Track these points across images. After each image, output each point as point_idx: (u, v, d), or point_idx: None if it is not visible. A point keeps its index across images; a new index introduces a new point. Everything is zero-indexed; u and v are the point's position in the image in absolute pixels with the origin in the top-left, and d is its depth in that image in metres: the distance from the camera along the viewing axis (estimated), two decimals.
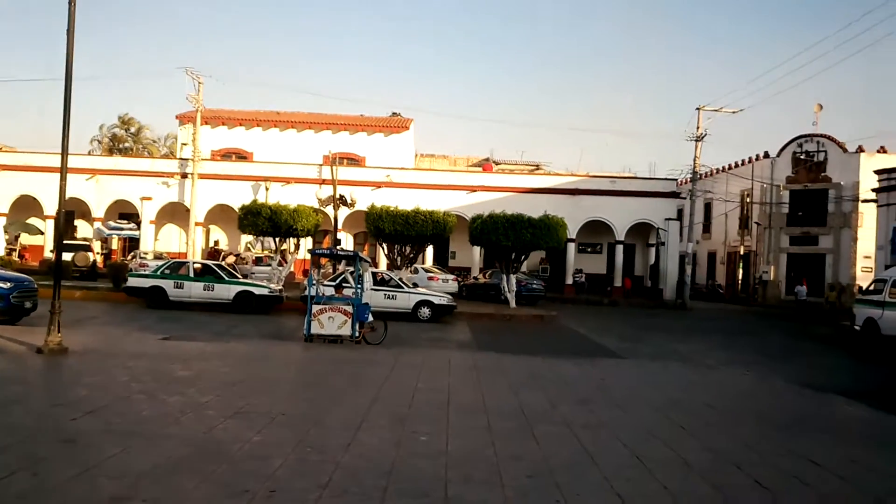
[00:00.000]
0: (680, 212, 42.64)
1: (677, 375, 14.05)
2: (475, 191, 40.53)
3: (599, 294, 40.19)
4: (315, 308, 15.89)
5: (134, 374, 10.61)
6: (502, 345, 17.96)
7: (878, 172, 31.08)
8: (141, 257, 34.73)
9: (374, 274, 24.03)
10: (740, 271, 47.80)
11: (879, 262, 29.65)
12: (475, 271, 38.48)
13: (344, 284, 20.64)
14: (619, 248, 41.06)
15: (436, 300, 23.48)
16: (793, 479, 7.08)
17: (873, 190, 31.64)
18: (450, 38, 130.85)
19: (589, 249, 45.13)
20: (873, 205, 32.25)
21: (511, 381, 11.77)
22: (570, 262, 40.68)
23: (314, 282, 17.83)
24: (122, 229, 39.42)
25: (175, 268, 23.94)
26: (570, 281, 40.46)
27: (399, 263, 29.06)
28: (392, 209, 28.50)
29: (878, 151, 41.29)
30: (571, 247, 40.21)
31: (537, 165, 60.71)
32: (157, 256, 35.49)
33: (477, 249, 37.13)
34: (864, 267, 38.70)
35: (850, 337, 24.14)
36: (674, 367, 15.24)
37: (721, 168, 49.47)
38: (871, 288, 23.95)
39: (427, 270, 33.58)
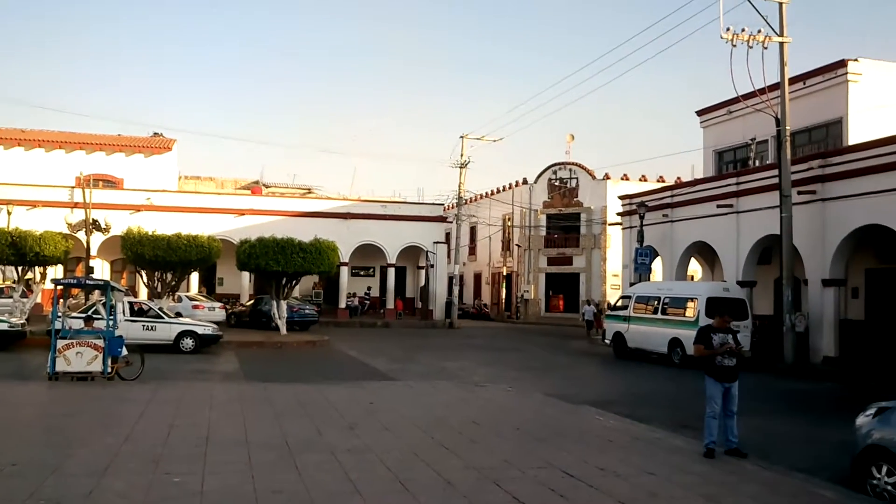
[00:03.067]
0: (447, 235, 44.13)
1: (445, 394, 14.28)
2: (244, 214, 39.21)
3: (373, 316, 40.44)
4: (60, 343, 14.39)
5: None
6: (271, 374, 17.36)
7: (621, 198, 34.07)
8: None
9: (131, 303, 22.30)
10: (504, 291, 50.33)
11: (625, 279, 32.40)
12: (245, 298, 37.14)
13: (95, 316, 18.89)
14: (392, 271, 41.62)
15: (200, 330, 22.23)
16: (549, 491, 7.31)
17: (618, 214, 34.62)
18: (217, 60, 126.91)
19: (362, 272, 45.32)
20: (619, 227, 35.27)
21: (277, 411, 11.29)
22: (343, 286, 40.55)
23: (59, 314, 16.17)
24: None
25: None
26: (343, 304, 40.30)
27: (160, 291, 27.28)
28: (152, 234, 26.73)
29: (622, 179, 45.44)
30: (345, 270, 40.12)
31: (309, 189, 60.15)
32: None
33: (246, 275, 35.87)
34: (613, 284, 42.20)
35: (602, 350, 26.16)
36: (442, 386, 15.51)
37: (485, 193, 51.97)
38: (619, 304, 26.11)
39: (192, 298, 31.82)
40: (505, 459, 8.57)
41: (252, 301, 34.02)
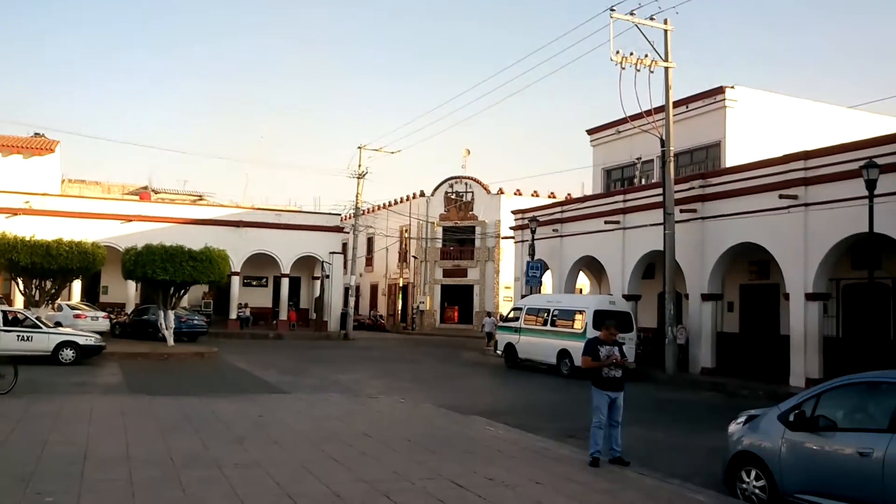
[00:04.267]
0: (344, 245, 43.87)
1: (337, 406, 14.18)
2: (131, 220, 37.74)
3: (266, 328, 39.68)
4: None
5: None
6: (157, 386, 16.78)
7: (514, 212, 34.81)
8: None
9: (4, 312, 21.09)
10: (400, 302, 50.42)
11: (517, 292, 33.09)
12: (130, 307, 35.73)
13: None
14: (285, 281, 40.97)
15: (81, 340, 21.22)
16: (438, 502, 7.40)
17: (511, 228, 35.35)
18: (105, 60, 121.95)
19: (254, 283, 44.42)
20: (512, 241, 36.01)
21: (162, 426, 10.94)
22: (234, 296, 39.60)
23: None
24: None
25: None
26: (234, 315, 39.36)
27: (38, 300, 25.90)
28: (29, 239, 25.35)
29: (515, 194, 46.43)
30: (236, 280, 39.21)
31: (201, 196, 58.49)
32: None
33: (132, 284, 34.53)
34: (506, 297, 42.99)
35: (494, 361, 26.60)
36: (334, 399, 15.39)
37: (383, 204, 51.99)
38: (510, 315, 26.64)
39: (73, 307, 30.35)
40: (395, 471, 8.61)
41: (136, 310, 32.79)
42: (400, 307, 50.52)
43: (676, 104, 24.95)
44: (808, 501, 7.57)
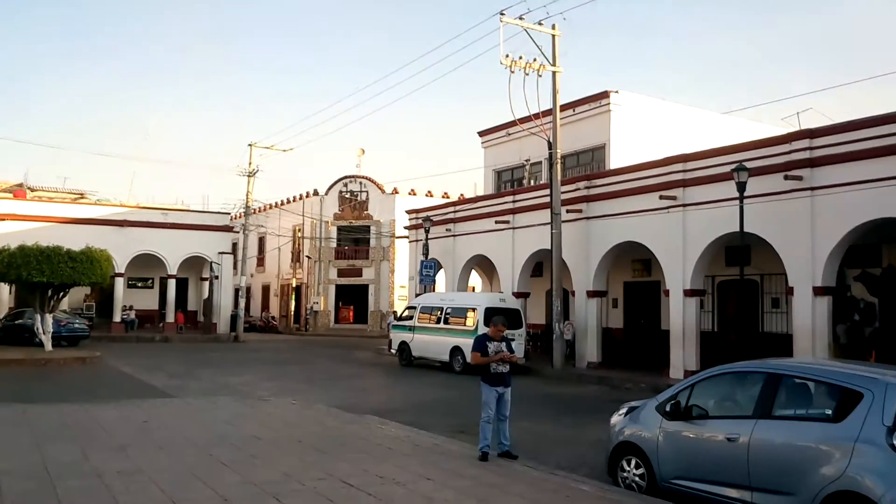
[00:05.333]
0: (234, 245, 42.92)
1: (226, 410, 13.90)
2: (4, 220, 35.69)
3: (152, 330, 38.35)
4: None
5: None
6: (33, 394, 15.99)
7: (408, 212, 34.96)
8: None
9: None
10: (293, 303, 49.74)
11: (411, 291, 33.26)
12: (3, 311, 33.76)
13: None
14: (172, 282, 39.70)
15: None
16: (328, 502, 7.40)
17: (405, 227, 35.50)
18: None
19: (140, 284, 42.84)
20: (406, 240, 36.17)
21: (37, 435, 10.44)
22: (118, 298, 38.06)
23: None
24: None
25: None
26: (118, 318, 37.83)
27: None
28: None
29: (410, 193, 46.61)
30: (120, 281, 37.70)
31: (82, 194, 55.78)
32: None
33: (5, 287, 32.66)
34: (401, 296, 43.09)
35: (388, 360, 26.65)
36: (223, 402, 15.07)
37: (275, 203, 51.14)
38: (404, 314, 26.78)
39: None
40: (286, 473, 8.55)
41: (9, 314, 31.05)
42: (293, 308, 49.82)
43: (564, 108, 25.67)
44: (683, 487, 8.00)
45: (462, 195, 42.01)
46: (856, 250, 18.25)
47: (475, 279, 35.33)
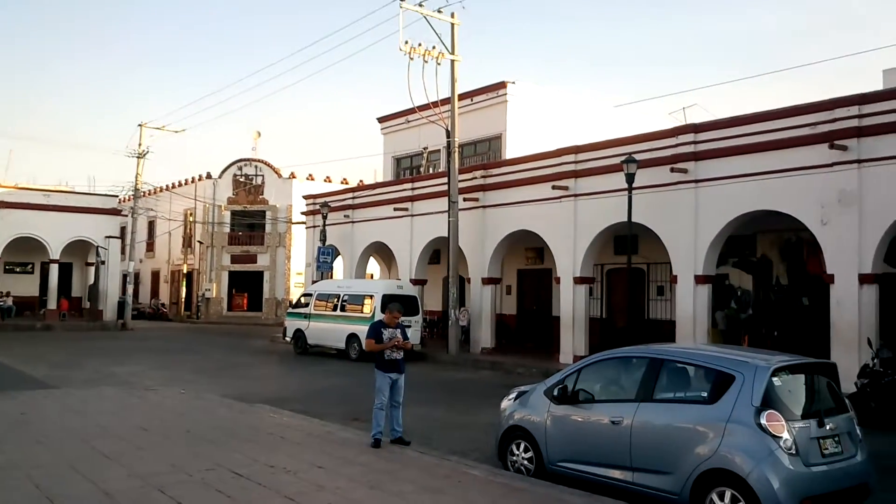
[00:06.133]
0: (122, 229, 41.27)
1: (111, 401, 13.41)
2: None
3: (32, 318, 36.46)
4: None
5: None
6: None
7: (305, 197, 34.48)
8: None
9: None
10: (184, 289, 48.29)
11: (308, 278, 32.87)
12: None
13: None
14: (55, 268, 37.77)
15: None
16: (216, 493, 7.28)
17: (302, 213, 35.00)
18: None
19: (18, 269, 40.60)
20: (303, 226, 35.66)
21: None
22: None
23: None
24: None
25: None
26: None
27: None
28: None
29: (308, 178, 45.91)
30: None
31: None
32: None
33: None
34: (297, 283, 42.46)
35: (283, 348, 26.28)
36: (108, 393, 14.53)
37: (166, 186, 49.42)
38: (300, 301, 26.47)
39: None
40: (172, 464, 8.35)
41: None
42: (184, 295, 48.37)
43: (462, 97, 25.87)
44: (569, 469, 8.26)
45: (361, 181, 41.74)
46: (734, 241, 19.26)
47: (373, 266, 35.25)
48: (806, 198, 15.92)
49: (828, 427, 7.02)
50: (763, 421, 6.74)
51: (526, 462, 8.76)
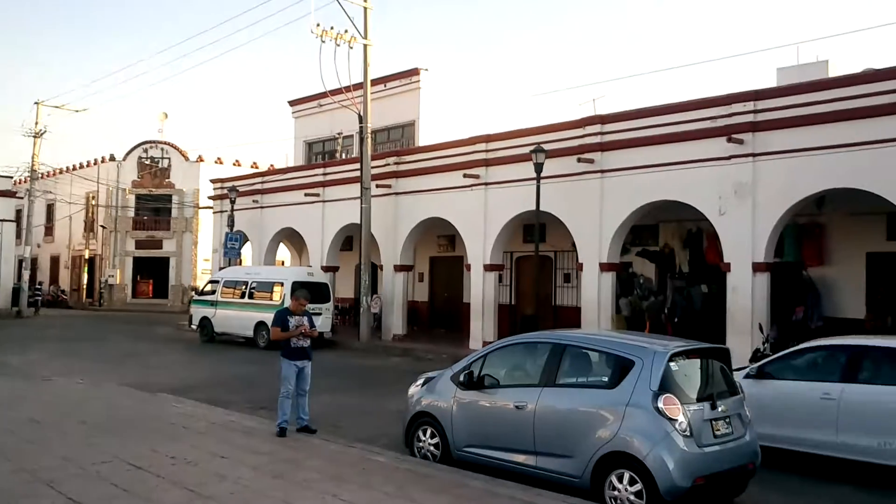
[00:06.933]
0: (18, 212, 39.32)
1: (2, 392, 12.80)
2: None
3: None
4: None
5: None
6: None
7: (213, 181, 33.60)
8: None
9: None
10: (86, 276, 46.48)
11: (216, 264, 32.11)
12: None
13: None
14: None
15: None
16: (111, 487, 7.06)
17: (210, 197, 34.11)
18: None
19: None
20: (211, 211, 34.77)
21: None
22: None
23: None
24: None
25: None
26: None
27: None
28: None
29: (216, 162, 44.76)
30: None
31: None
32: None
33: None
34: (204, 269, 41.42)
35: (189, 336, 25.64)
36: None
37: (66, 168, 47.32)
38: (207, 288, 25.85)
39: None
40: (65, 457, 8.05)
41: None
42: (86, 281, 46.53)
43: (375, 82, 25.68)
44: (474, 455, 8.36)
45: (272, 166, 40.95)
46: (638, 230, 19.84)
47: (284, 253, 34.73)
48: (705, 189, 16.51)
49: (720, 409, 7.32)
50: (660, 404, 6.97)
51: (432, 448, 8.82)
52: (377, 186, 23.53)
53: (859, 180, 14.41)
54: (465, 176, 21.22)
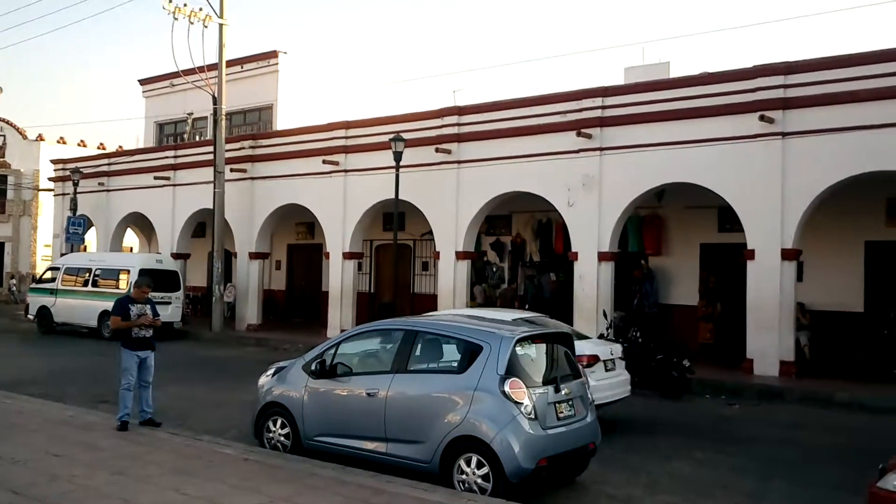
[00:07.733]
0: None
1: None
2: None
3: None
4: None
5: None
6: None
7: (54, 162, 31.52)
8: None
9: None
10: None
11: (56, 250, 30.21)
12: None
13: None
14: None
15: None
16: None
17: (50, 179, 32.00)
18: None
19: None
20: (51, 193, 32.62)
21: None
22: None
23: None
24: None
25: None
26: None
27: None
28: None
29: (59, 142, 41.88)
30: None
31: None
32: None
33: None
34: (45, 256, 38.82)
35: (26, 326, 24.01)
36: None
37: None
38: (47, 276, 24.27)
39: None
40: None
41: None
42: None
43: (232, 63, 24.91)
44: (325, 444, 8.30)
45: (120, 147, 38.78)
46: (492, 220, 20.34)
47: (132, 239, 33.10)
48: (556, 181, 17.15)
49: (563, 392, 7.61)
50: (506, 388, 7.16)
51: (283, 438, 8.69)
52: (232, 171, 22.85)
53: (694, 175, 15.45)
54: (324, 162, 20.98)
